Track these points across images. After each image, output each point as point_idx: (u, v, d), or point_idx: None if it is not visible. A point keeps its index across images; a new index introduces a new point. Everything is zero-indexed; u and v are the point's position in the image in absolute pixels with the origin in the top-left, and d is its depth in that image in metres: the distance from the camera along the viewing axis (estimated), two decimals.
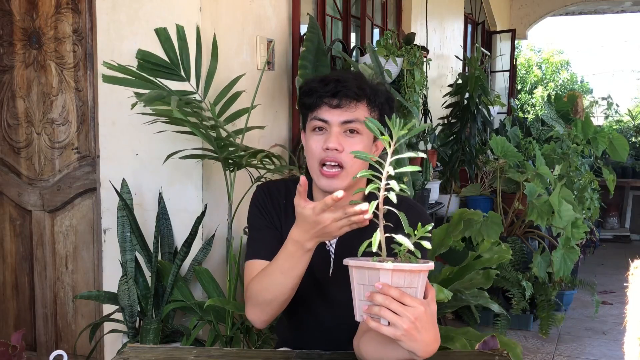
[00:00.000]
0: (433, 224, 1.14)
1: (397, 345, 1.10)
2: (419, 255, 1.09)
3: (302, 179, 1.20)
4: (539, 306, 3.62)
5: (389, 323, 1.06)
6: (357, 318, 1.12)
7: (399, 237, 1.06)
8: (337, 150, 1.34)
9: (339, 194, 1.14)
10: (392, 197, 1.07)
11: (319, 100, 1.36)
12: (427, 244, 1.08)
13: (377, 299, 1.05)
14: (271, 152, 2.28)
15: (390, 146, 1.08)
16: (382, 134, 1.08)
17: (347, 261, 1.12)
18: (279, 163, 2.34)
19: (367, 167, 1.35)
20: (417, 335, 1.06)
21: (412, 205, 1.42)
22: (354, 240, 1.26)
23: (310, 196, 1.47)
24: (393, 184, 1.07)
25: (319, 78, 1.40)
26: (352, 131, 1.36)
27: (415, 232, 1.08)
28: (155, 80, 2.23)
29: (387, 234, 1.08)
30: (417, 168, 1.09)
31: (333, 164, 1.35)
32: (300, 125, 1.49)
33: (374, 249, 1.07)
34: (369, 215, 1.13)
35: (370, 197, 1.10)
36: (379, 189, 1.08)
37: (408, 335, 1.06)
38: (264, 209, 1.48)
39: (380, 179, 1.08)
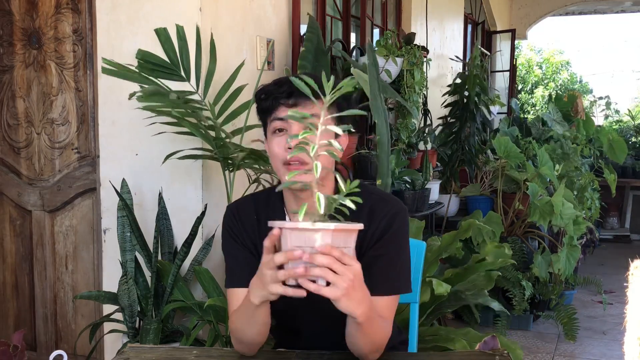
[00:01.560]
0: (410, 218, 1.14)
1: (352, 327, 1.17)
2: (347, 213, 1.06)
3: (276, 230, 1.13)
4: (557, 311, 3.62)
5: (327, 284, 1.06)
6: (290, 282, 1.08)
7: (321, 196, 1.04)
8: None
9: (276, 231, 1.09)
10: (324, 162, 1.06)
11: (275, 102, 1.35)
12: (351, 204, 1.05)
13: (321, 260, 1.03)
14: (254, 149, 2.25)
15: (323, 108, 1.08)
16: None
17: (283, 224, 1.07)
18: (263, 162, 2.29)
19: (333, 161, 1.32)
20: (353, 293, 1.08)
21: (383, 198, 1.40)
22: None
23: (283, 206, 1.44)
24: (334, 143, 1.07)
25: (273, 82, 1.39)
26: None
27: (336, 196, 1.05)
28: (155, 80, 2.23)
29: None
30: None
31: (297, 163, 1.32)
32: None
33: (321, 211, 1.04)
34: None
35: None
36: (313, 149, 1.06)
37: (347, 294, 1.07)
38: (233, 232, 1.44)
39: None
